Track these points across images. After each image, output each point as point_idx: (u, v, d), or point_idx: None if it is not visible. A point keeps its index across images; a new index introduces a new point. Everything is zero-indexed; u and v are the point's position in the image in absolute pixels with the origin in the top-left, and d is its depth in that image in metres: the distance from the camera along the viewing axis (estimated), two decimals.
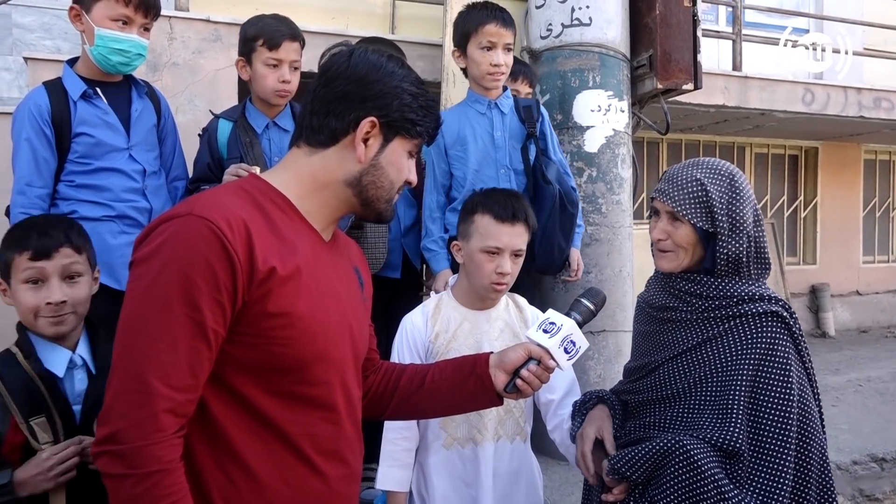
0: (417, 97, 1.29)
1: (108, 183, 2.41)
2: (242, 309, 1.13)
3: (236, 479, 1.16)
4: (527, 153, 2.84)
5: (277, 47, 2.54)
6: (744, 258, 1.67)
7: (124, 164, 2.45)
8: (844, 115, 5.77)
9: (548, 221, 2.82)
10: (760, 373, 1.61)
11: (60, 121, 2.37)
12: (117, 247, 2.40)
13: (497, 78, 2.77)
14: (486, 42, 2.72)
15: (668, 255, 1.75)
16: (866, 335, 7.34)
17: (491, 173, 2.82)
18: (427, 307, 2.08)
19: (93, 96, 2.42)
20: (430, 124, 1.32)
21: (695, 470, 1.53)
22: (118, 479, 1.05)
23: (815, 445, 1.62)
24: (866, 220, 7.80)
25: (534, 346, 1.47)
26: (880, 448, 3.83)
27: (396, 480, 1.96)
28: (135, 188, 2.47)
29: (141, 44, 2.41)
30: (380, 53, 1.29)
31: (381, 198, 1.31)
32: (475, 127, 2.83)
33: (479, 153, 2.82)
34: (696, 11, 3.77)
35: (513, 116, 2.88)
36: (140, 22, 2.39)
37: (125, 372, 1.07)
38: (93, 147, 2.40)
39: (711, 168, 1.72)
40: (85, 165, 2.40)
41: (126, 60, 2.39)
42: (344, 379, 1.30)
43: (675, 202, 1.70)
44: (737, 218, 1.67)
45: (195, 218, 1.10)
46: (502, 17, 2.75)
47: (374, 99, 1.25)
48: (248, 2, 4.31)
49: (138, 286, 1.10)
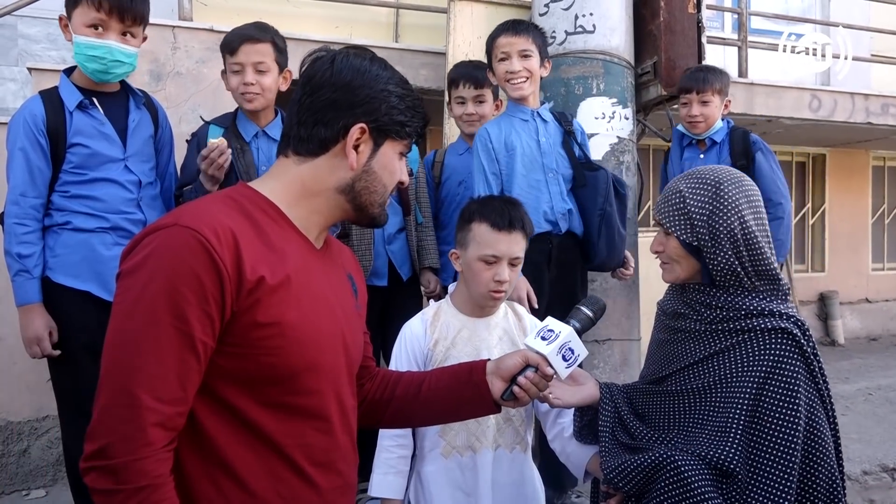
0: (404, 98, 1.27)
1: (102, 194, 2.39)
2: (231, 319, 1.11)
3: (228, 491, 1.15)
4: (569, 147, 2.90)
5: (236, 51, 2.55)
6: (739, 269, 1.62)
7: (119, 175, 2.43)
8: (852, 122, 5.73)
9: (605, 205, 2.84)
10: (764, 391, 1.55)
11: (56, 131, 2.34)
12: (111, 258, 2.38)
13: (515, 84, 2.82)
14: (501, 53, 2.82)
15: (666, 267, 1.74)
16: (876, 343, 7.27)
17: (539, 177, 2.84)
18: (426, 314, 2.07)
19: (89, 106, 2.40)
20: (419, 123, 1.31)
21: (683, 485, 1.50)
22: (107, 495, 1.03)
23: (823, 473, 1.56)
24: (875, 227, 7.75)
25: (531, 354, 1.45)
26: (891, 457, 3.79)
27: (392, 488, 1.94)
28: (129, 199, 2.45)
29: (120, 50, 2.33)
30: (362, 57, 1.27)
31: (374, 202, 1.30)
32: (521, 133, 2.87)
33: (526, 158, 2.85)
34: (700, 18, 3.76)
35: (553, 124, 2.94)
36: (117, 27, 2.32)
37: (113, 386, 1.06)
38: (88, 157, 2.38)
39: (697, 178, 1.68)
40: (80, 176, 2.38)
41: (102, 68, 2.34)
42: (337, 388, 1.28)
43: (662, 215, 1.69)
44: (718, 230, 1.61)
45: (181, 228, 1.09)
46: (514, 27, 2.83)
47: (362, 105, 1.23)
48: (252, 11, 4.33)
49: (125, 299, 1.09)
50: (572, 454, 1.88)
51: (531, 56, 2.80)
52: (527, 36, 2.79)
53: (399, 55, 4.10)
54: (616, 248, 2.89)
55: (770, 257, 1.64)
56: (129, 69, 2.42)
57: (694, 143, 3.53)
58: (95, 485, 1.04)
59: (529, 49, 2.79)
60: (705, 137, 3.48)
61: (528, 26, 2.85)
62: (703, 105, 3.39)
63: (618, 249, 2.91)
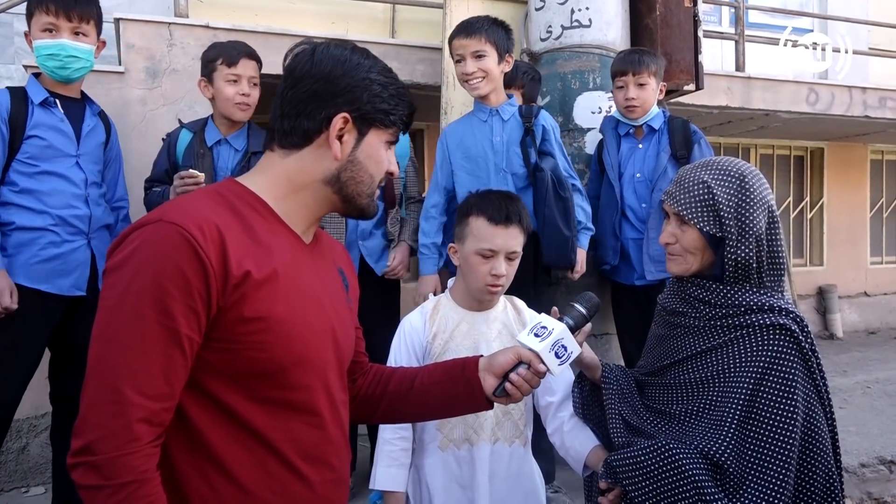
0: (387, 86, 1.26)
1: (49, 188, 2.57)
2: (217, 314, 1.11)
3: (218, 486, 1.14)
4: (525, 147, 2.92)
5: (235, 64, 2.80)
6: (753, 264, 1.62)
7: (69, 171, 2.62)
8: (849, 115, 5.72)
9: (545, 208, 2.89)
10: (761, 387, 1.56)
11: (16, 121, 2.54)
12: (60, 255, 2.58)
13: (471, 84, 2.88)
14: (456, 55, 2.90)
15: (677, 259, 1.71)
16: (875, 336, 7.27)
17: (486, 176, 2.92)
18: (425, 308, 2.08)
19: (52, 105, 2.61)
20: (403, 111, 1.29)
21: (676, 470, 1.51)
22: (93, 491, 1.03)
23: (820, 469, 1.56)
24: (873, 221, 7.74)
25: (524, 350, 1.44)
26: (889, 450, 3.80)
27: (395, 480, 1.95)
28: (77, 194, 2.63)
29: (72, 46, 2.56)
30: (342, 47, 1.26)
31: (362, 193, 1.29)
32: (476, 134, 2.97)
33: (478, 158, 2.95)
34: (696, 12, 3.76)
35: (515, 121, 2.96)
36: (67, 26, 2.56)
37: (99, 382, 1.06)
38: (43, 149, 2.57)
39: (720, 169, 1.66)
40: (31, 167, 2.55)
41: (60, 64, 2.57)
42: (327, 383, 1.28)
43: (682, 205, 1.66)
44: (746, 222, 1.60)
45: (166, 224, 1.09)
46: (466, 29, 2.86)
47: (343, 94, 1.22)
48: (248, 8, 4.33)
49: (110, 295, 1.09)
50: (571, 448, 1.89)
51: (485, 56, 2.83)
52: (479, 37, 2.81)
53: (395, 51, 4.10)
54: (559, 249, 2.92)
55: (784, 252, 1.65)
56: (87, 65, 2.65)
57: (631, 133, 3.31)
58: (81, 480, 1.04)
59: (482, 49, 2.82)
60: (642, 124, 3.28)
61: (482, 26, 2.84)
62: (639, 88, 3.18)
63: (561, 251, 2.93)
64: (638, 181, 3.24)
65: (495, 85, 2.91)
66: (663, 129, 3.27)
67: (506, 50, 2.88)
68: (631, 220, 3.25)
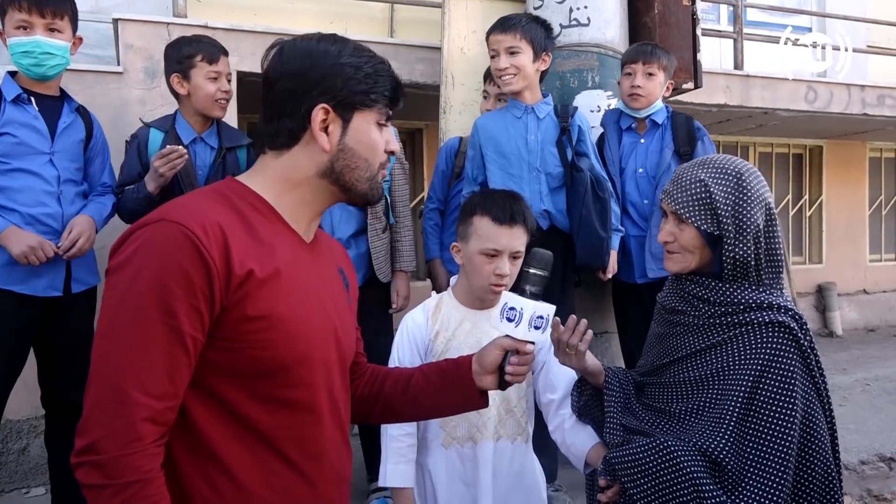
0: (360, 67, 1.24)
1: (21, 185, 2.54)
2: (221, 313, 1.11)
3: (220, 485, 1.15)
4: (562, 146, 2.91)
5: (216, 61, 2.80)
6: (752, 262, 1.62)
7: (41, 168, 2.58)
8: (848, 113, 5.73)
9: (583, 208, 2.86)
10: (760, 385, 1.56)
11: None
12: None
13: (503, 80, 2.87)
14: (491, 51, 2.90)
15: (676, 257, 1.72)
16: (874, 334, 7.28)
17: (520, 175, 2.88)
18: (428, 306, 2.08)
19: (25, 102, 2.58)
20: (384, 87, 1.26)
21: (675, 467, 1.51)
22: (97, 490, 1.04)
23: (819, 466, 1.56)
24: (872, 218, 7.75)
25: (506, 341, 1.43)
26: (888, 447, 3.81)
27: (404, 476, 1.95)
28: (49, 192, 2.59)
29: (47, 43, 2.53)
30: (309, 39, 1.25)
31: (360, 178, 1.27)
32: (510, 130, 2.93)
33: (510, 155, 2.91)
34: (695, 10, 3.76)
35: (550, 120, 2.94)
36: (41, 23, 2.53)
37: (102, 382, 1.06)
38: (14, 146, 2.54)
39: (717, 167, 1.66)
40: (3, 164, 2.52)
41: (34, 61, 2.54)
42: (329, 381, 1.28)
43: (679, 204, 1.66)
44: (743, 220, 1.61)
45: (168, 223, 1.09)
46: (503, 24, 2.86)
47: (316, 86, 1.21)
48: (246, 7, 4.32)
49: (113, 295, 1.09)
50: (573, 445, 1.89)
51: (519, 52, 2.82)
52: (514, 33, 2.81)
53: (394, 50, 4.10)
54: (594, 250, 2.90)
55: (782, 250, 1.65)
56: (62, 62, 2.61)
57: (633, 127, 3.27)
58: (85, 479, 1.04)
59: (517, 45, 2.81)
60: (645, 117, 3.24)
61: (519, 22, 2.84)
62: (647, 77, 3.16)
63: (596, 252, 2.91)
64: (640, 176, 3.22)
65: (529, 82, 2.90)
66: (666, 125, 3.25)
67: (543, 48, 2.87)
68: (632, 217, 3.22)
